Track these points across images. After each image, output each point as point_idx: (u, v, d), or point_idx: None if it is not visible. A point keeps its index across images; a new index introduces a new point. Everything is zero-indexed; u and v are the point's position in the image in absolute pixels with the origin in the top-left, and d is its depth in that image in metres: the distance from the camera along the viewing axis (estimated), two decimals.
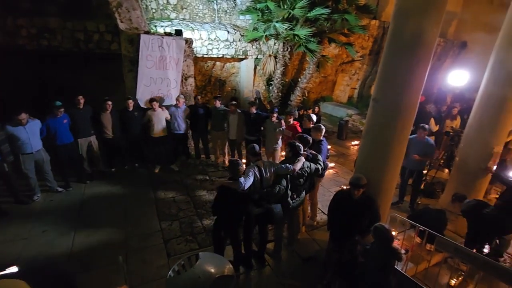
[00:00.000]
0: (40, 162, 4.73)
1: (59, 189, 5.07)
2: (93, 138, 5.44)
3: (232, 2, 9.17)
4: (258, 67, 9.60)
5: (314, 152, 3.92)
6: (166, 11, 8.32)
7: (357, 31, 8.76)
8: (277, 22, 8.08)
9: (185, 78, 6.52)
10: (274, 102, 9.15)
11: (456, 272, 3.68)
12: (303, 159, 3.58)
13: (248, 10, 8.51)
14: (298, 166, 3.48)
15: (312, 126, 4.70)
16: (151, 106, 5.63)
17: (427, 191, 5.61)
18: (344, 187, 4.97)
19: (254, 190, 3.33)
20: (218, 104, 6.03)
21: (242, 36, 8.67)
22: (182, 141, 6.38)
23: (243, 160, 5.83)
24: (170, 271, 2.38)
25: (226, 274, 2.38)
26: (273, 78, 9.52)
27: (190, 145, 6.75)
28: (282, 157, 5.95)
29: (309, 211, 4.63)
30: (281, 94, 9.73)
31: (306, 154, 3.75)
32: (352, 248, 3.11)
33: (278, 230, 3.89)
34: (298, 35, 8.08)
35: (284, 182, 3.44)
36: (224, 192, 3.21)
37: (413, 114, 3.26)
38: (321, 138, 4.26)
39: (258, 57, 9.38)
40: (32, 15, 5.45)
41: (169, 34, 6.23)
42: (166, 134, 5.87)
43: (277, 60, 9.17)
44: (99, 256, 3.73)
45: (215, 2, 8.89)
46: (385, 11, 11.13)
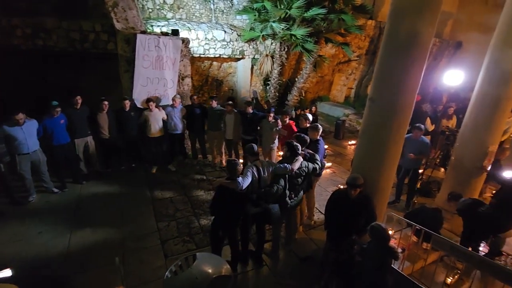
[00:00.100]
0: (36, 163, 4.69)
1: (55, 190, 5.04)
2: (89, 139, 5.41)
3: (228, 2, 9.16)
4: (255, 67, 9.60)
5: (311, 151, 3.93)
6: (162, 11, 8.30)
7: (353, 31, 8.79)
8: (274, 22, 8.09)
9: (182, 78, 6.50)
10: (271, 102, 9.15)
11: (452, 270, 3.70)
12: (301, 159, 3.59)
13: (245, 10, 8.52)
14: (296, 166, 3.49)
15: (308, 125, 4.71)
16: (148, 107, 5.61)
17: (423, 190, 5.64)
18: (341, 187, 4.98)
19: (252, 190, 3.33)
20: (215, 104, 6.03)
21: (239, 36, 8.67)
22: (179, 141, 6.37)
23: (240, 160, 5.83)
24: (167, 272, 2.37)
25: (223, 274, 2.39)
26: (270, 78, 9.52)
27: (187, 145, 6.74)
28: (279, 156, 5.97)
29: (306, 211, 4.64)
30: (278, 94, 9.73)
31: (304, 153, 3.77)
32: (349, 247, 3.12)
33: (275, 230, 3.89)
34: (295, 35, 8.09)
35: (282, 182, 3.44)
36: (222, 192, 3.21)
37: (409, 113, 3.28)
38: (318, 137, 4.28)
39: (255, 57, 9.38)
40: (27, 15, 5.40)
41: (165, 34, 6.20)
42: (163, 134, 5.85)
43: (274, 60, 9.18)
44: (96, 257, 3.71)
45: (212, 1, 8.87)
46: (381, 11, 11.19)
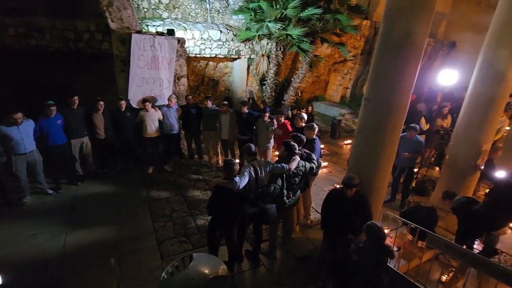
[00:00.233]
0: (32, 163, 4.64)
1: (50, 191, 4.97)
2: (86, 139, 5.35)
3: (224, 2, 9.14)
4: (251, 67, 9.60)
5: (308, 151, 3.94)
6: (158, 11, 8.25)
7: (349, 31, 8.84)
8: (269, 22, 8.10)
9: (177, 78, 6.48)
10: (267, 102, 9.17)
11: (447, 268, 3.74)
12: (298, 158, 3.60)
13: (240, 10, 8.52)
14: (293, 165, 3.49)
15: (304, 125, 4.73)
16: (144, 107, 5.58)
17: (419, 189, 5.70)
18: (337, 186, 5.00)
19: (249, 190, 3.33)
20: (210, 104, 6.01)
21: (235, 35, 8.66)
22: (175, 141, 6.34)
23: (237, 160, 5.82)
24: (163, 273, 2.36)
25: (220, 274, 2.38)
26: (266, 78, 9.53)
27: (183, 145, 6.71)
28: (275, 156, 5.98)
29: (302, 210, 4.65)
30: (274, 94, 9.75)
31: (301, 153, 3.77)
32: (345, 246, 3.14)
33: (272, 229, 3.89)
34: (290, 35, 8.11)
35: (279, 181, 3.45)
36: (219, 191, 3.21)
37: (403, 113, 3.30)
38: (314, 136, 4.30)
39: (251, 57, 9.38)
40: (20, 14, 5.33)
41: (161, 34, 6.17)
42: (159, 134, 5.82)
43: (270, 60, 9.19)
44: (91, 258, 3.68)
45: (208, 1, 8.85)
46: (376, 11, 11.26)
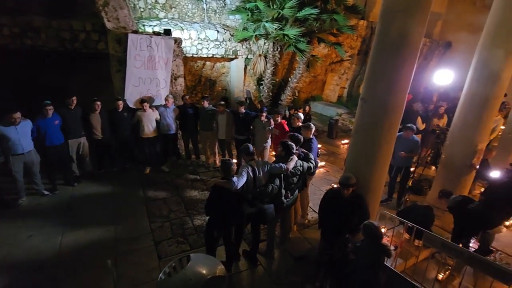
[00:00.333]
0: (29, 164, 4.60)
1: (45, 192, 4.94)
2: (83, 139, 5.32)
3: (221, 2, 9.14)
4: (248, 67, 9.60)
5: (305, 150, 3.95)
6: (154, 10, 8.23)
7: (345, 31, 8.86)
8: (266, 22, 8.10)
9: (174, 78, 6.46)
10: (264, 102, 9.17)
11: (443, 266, 3.77)
12: (296, 158, 3.61)
13: (237, 10, 8.51)
14: (291, 165, 3.50)
15: (300, 124, 4.73)
16: (142, 107, 5.55)
17: (415, 188, 5.72)
18: (334, 186, 5.02)
19: (247, 190, 3.33)
20: (206, 104, 6.00)
21: (232, 35, 8.65)
22: (172, 141, 6.33)
23: (234, 160, 5.82)
24: (161, 274, 2.36)
25: (217, 275, 2.38)
26: (263, 78, 9.54)
27: (180, 145, 6.70)
28: (272, 156, 5.98)
29: (300, 210, 4.66)
30: (271, 94, 9.76)
31: (298, 153, 3.78)
32: (343, 246, 3.15)
33: (270, 229, 3.89)
34: (287, 35, 8.12)
35: (277, 181, 3.45)
36: (217, 191, 3.20)
37: (400, 113, 3.31)
38: (311, 136, 4.30)
39: (248, 56, 9.38)
40: (15, 14, 5.28)
41: (157, 34, 6.15)
42: (157, 135, 5.80)
43: (267, 60, 9.20)
44: (88, 259, 3.66)
45: (205, 1, 8.84)
46: (372, 12, 11.31)
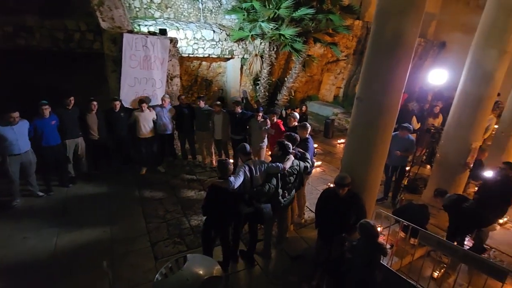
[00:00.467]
0: (26, 164, 4.55)
1: (40, 193, 4.88)
2: (80, 140, 5.26)
3: (217, 2, 9.11)
4: (245, 67, 9.59)
5: (302, 150, 3.96)
6: (150, 10, 8.18)
7: (341, 31, 8.91)
8: (262, 21, 8.10)
9: (170, 78, 6.43)
10: (261, 102, 9.18)
11: (438, 264, 3.81)
12: (292, 158, 3.62)
13: (233, 10, 8.50)
14: (288, 165, 3.51)
15: (296, 124, 4.74)
16: (140, 108, 5.50)
17: (410, 187, 5.76)
18: (331, 185, 5.04)
19: (244, 190, 3.33)
20: (202, 104, 5.99)
21: (228, 35, 8.63)
22: (168, 141, 6.30)
23: (230, 160, 5.81)
24: (157, 275, 2.34)
25: (214, 275, 2.38)
26: (259, 78, 9.53)
27: (177, 145, 6.67)
28: (268, 155, 5.98)
29: (296, 209, 4.67)
30: (268, 94, 9.76)
31: (295, 152, 3.79)
32: (339, 245, 3.16)
33: (267, 229, 3.90)
34: (283, 35, 8.13)
35: (274, 181, 3.46)
36: (214, 191, 3.20)
37: (395, 112, 3.34)
38: (307, 136, 4.31)
39: (245, 56, 9.36)
40: (7, 13, 5.21)
41: (153, 34, 6.11)
42: (154, 135, 5.77)
43: (263, 59, 9.19)
44: (83, 261, 3.63)
45: (200, 1, 8.81)
46: (368, 12, 11.37)
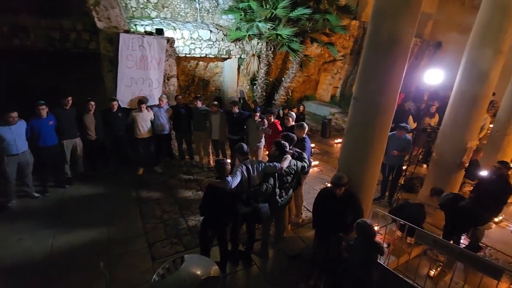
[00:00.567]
0: (23, 165, 4.52)
1: (36, 194, 4.85)
2: (78, 140, 5.23)
3: (214, 1, 9.10)
4: (242, 67, 9.58)
5: (299, 150, 3.97)
6: (146, 10, 8.14)
7: (338, 31, 8.93)
8: (259, 21, 8.11)
9: (167, 78, 6.41)
10: (258, 102, 9.17)
11: (435, 263, 3.84)
12: (290, 157, 3.62)
13: (230, 10, 8.50)
14: (285, 164, 3.51)
15: (293, 124, 4.75)
16: (139, 108, 5.47)
17: (407, 186, 5.80)
18: (328, 185, 5.05)
19: (241, 189, 3.33)
20: (199, 104, 5.98)
21: (225, 35, 8.62)
22: (165, 142, 6.28)
23: (228, 160, 5.81)
24: (154, 275, 2.34)
25: (212, 275, 2.37)
26: (257, 78, 9.53)
27: (174, 146, 6.65)
28: (265, 155, 5.99)
29: (294, 209, 4.67)
30: (265, 94, 9.76)
31: (292, 152, 3.79)
32: (336, 244, 3.17)
33: (265, 229, 3.90)
34: (281, 35, 8.13)
35: (271, 180, 3.46)
36: (211, 191, 3.20)
37: (391, 112, 3.35)
38: (304, 135, 4.32)
39: (242, 56, 9.36)
40: (3, 13, 5.17)
41: (150, 33, 6.10)
42: (151, 135, 5.75)
43: (260, 59, 9.20)
44: (80, 262, 3.61)
45: (197, 1, 8.79)
46: (365, 12, 11.42)
